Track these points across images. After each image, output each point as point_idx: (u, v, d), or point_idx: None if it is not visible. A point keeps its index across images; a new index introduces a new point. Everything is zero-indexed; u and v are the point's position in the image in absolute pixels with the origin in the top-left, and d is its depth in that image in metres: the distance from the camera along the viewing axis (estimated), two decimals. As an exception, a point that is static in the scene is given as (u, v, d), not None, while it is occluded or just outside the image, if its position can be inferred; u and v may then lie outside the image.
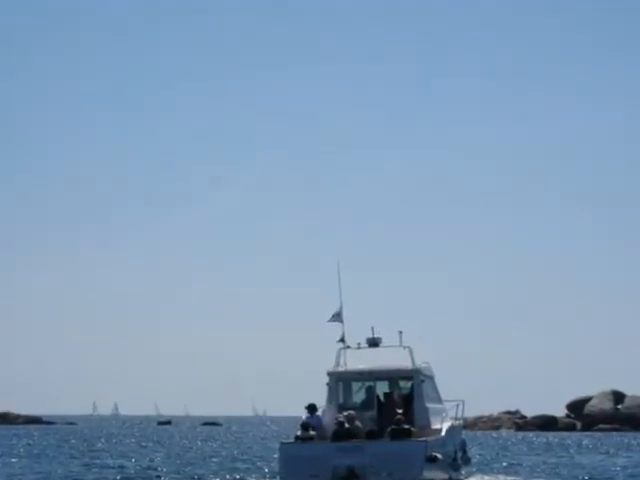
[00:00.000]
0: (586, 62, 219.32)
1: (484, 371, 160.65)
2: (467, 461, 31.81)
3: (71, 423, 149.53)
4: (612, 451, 58.21)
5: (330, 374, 28.79)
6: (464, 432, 33.32)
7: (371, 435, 27.38)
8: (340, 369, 28.93)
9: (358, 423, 27.66)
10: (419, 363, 29.17)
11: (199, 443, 72.42)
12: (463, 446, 31.61)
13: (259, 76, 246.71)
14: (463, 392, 32.16)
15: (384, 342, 29.33)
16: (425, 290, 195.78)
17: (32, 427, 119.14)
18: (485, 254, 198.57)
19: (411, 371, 28.83)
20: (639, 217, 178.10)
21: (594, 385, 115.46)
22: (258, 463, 44.42)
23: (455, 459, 29.81)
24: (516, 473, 37.75)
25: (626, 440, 75.61)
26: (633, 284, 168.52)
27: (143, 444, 69.60)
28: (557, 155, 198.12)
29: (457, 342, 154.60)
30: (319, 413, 28.37)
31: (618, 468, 42.71)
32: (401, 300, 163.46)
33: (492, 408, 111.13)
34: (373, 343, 29.23)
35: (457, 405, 30.41)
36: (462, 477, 30.71)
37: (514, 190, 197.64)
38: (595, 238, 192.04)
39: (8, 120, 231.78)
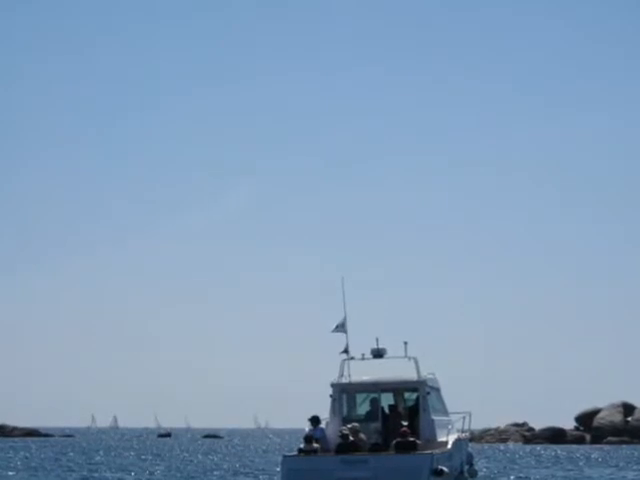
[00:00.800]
0: (587, 63, 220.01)
1: (491, 383, 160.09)
2: (474, 474, 31.48)
3: (69, 435, 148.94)
4: (622, 464, 57.54)
5: (334, 386, 28.38)
6: (471, 445, 32.85)
7: (376, 448, 26.91)
8: (344, 380, 28.54)
9: (362, 436, 27.23)
10: (425, 374, 28.70)
11: (200, 456, 71.86)
12: (470, 459, 31.33)
13: (260, 80, 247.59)
14: (470, 404, 31.60)
15: (389, 353, 28.80)
16: (430, 299, 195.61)
17: (29, 440, 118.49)
18: (490, 261, 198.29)
19: (416, 382, 28.39)
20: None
21: (603, 397, 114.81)
22: (260, 477, 44.03)
23: (462, 472, 29.55)
24: (524, 487, 37.13)
25: (636, 453, 74.92)
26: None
27: (143, 457, 69.07)
28: (561, 162, 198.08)
29: (463, 353, 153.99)
30: (322, 425, 27.96)
31: (628, 482, 42.09)
32: (405, 309, 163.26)
33: (499, 420, 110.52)
34: (378, 354, 28.77)
35: (464, 417, 30.10)
36: (469, 491, 30.24)
37: (518, 196, 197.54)
38: (604, 245, 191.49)
39: (9, 120, 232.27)
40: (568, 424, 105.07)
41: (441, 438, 28.01)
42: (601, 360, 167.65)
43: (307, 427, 27.72)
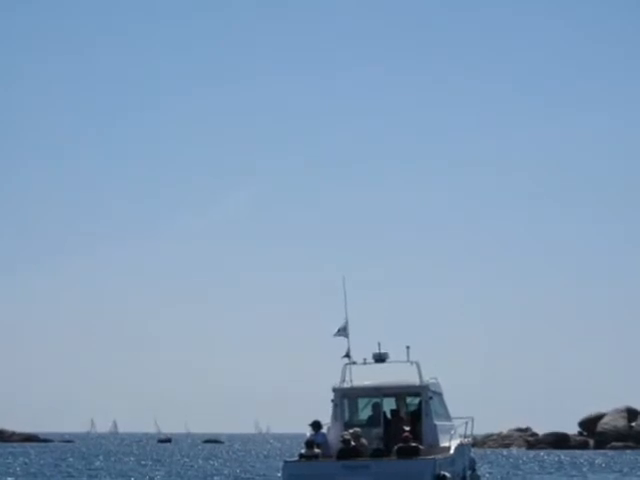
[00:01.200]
0: (587, 63, 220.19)
1: (494, 388, 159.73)
2: (476, 480, 30.99)
3: (68, 441, 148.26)
4: (626, 470, 57.24)
5: (335, 390, 28.08)
6: (473, 450, 32.51)
7: (377, 453, 26.64)
8: (346, 385, 28.24)
9: (364, 441, 26.93)
10: (427, 379, 28.40)
11: (200, 461, 71.55)
12: (472, 465, 30.96)
13: (260, 80, 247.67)
14: (472, 409, 31.29)
15: (391, 357, 28.49)
16: (430, 300, 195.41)
17: (28, 445, 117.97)
18: (493, 265, 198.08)
19: (419, 387, 28.09)
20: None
21: (607, 402, 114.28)
22: (260, 482, 43.63)
23: (464, 478, 29.25)
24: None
25: (640, 459, 74.56)
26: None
27: (143, 462, 68.77)
28: (561, 162, 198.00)
29: (466, 357, 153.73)
30: (324, 430, 27.67)
31: (631, 487, 41.74)
32: (405, 310, 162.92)
33: (502, 425, 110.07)
34: (379, 358, 28.47)
35: (466, 422, 29.72)
36: (472, 496, 29.90)
37: (518, 196, 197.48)
38: (604, 245, 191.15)
39: (9, 120, 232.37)
40: (572, 429, 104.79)
41: (443, 443, 27.70)
42: (605, 364, 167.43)
43: (308, 432, 27.44)
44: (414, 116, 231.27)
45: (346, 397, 28.17)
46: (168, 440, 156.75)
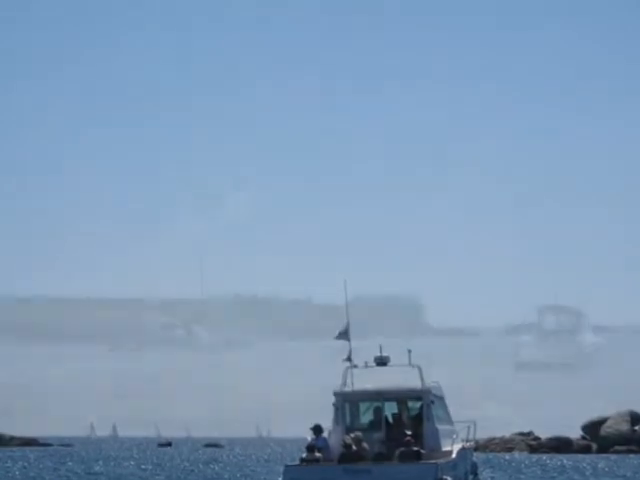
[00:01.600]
0: (587, 70, 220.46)
1: (496, 390, 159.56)
2: (479, 484, 30.84)
3: (68, 445, 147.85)
4: (629, 474, 57.08)
5: (337, 394, 28.00)
6: (476, 454, 32.39)
7: (379, 457, 26.57)
8: (347, 389, 28.20)
9: (365, 445, 26.86)
10: (429, 383, 28.20)
11: (201, 466, 71.36)
12: (474, 469, 30.95)
13: (260, 84, 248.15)
14: (475, 413, 31.10)
15: (392, 361, 28.27)
16: (433, 305, 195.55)
17: (27, 449, 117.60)
18: (493, 264, 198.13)
19: (420, 391, 28.02)
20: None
21: (610, 405, 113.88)
22: (261, 486, 43.44)
23: (466, 482, 28.91)
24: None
25: (643, 463, 74.26)
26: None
27: (143, 467, 68.56)
28: (562, 169, 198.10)
29: (467, 360, 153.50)
30: (325, 434, 27.56)
31: (634, 492, 41.55)
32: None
33: (505, 429, 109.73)
34: (381, 362, 28.38)
35: (468, 426, 29.69)
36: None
37: (521, 199, 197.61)
38: (610, 249, 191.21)
39: (10, 121, 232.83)
40: (574, 433, 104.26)
41: (445, 447, 27.65)
42: (608, 367, 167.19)
43: (309, 436, 27.32)
44: (415, 124, 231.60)
45: (347, 401, 28.08)
46: (168, 444, 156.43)
